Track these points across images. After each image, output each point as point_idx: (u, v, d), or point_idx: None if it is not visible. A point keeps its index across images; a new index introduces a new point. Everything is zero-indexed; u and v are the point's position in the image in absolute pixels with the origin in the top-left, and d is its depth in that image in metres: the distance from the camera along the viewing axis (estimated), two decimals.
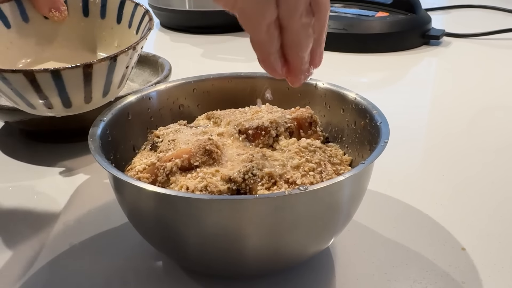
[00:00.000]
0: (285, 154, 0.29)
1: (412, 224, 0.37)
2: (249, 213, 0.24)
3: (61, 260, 0.34)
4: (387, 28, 0.78)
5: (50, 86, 0.31)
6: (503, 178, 0.43)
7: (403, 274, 0.32)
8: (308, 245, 0.28)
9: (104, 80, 0.32)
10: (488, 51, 0.80)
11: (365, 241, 0.35)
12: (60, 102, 0.32)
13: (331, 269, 0.32)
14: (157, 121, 0.38)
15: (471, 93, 0.64)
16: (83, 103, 0.33)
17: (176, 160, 0.28)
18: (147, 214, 0.27)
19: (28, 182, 0.44)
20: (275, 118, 0.32)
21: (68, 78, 0.31)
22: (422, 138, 0.52)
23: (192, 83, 0.39)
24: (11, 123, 0.50)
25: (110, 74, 0.32)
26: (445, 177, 0.43)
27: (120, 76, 0.33)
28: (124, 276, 0.32)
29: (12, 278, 0.32)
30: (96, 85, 0.32)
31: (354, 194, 0.28)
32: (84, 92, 0.32)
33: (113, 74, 0.32)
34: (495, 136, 0.51)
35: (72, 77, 0.31)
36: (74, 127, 0.49)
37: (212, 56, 0.80)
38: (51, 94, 0.31)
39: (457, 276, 0.32)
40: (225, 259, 0.27)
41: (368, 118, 0.33)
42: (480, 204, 0.39)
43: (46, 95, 0.31)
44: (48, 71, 0.30)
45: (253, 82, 0.40)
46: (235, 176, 0.27)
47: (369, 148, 0.32)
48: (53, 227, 0.37)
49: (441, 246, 0.34)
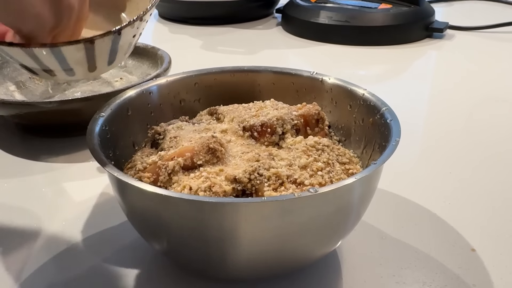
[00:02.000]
0: (292, 153, 0.28)
1: (420, 223, 0.36)
2: (256, 217, 0.23)
3: (60, 258, 0.33)
4: (390, 20, 0.77)
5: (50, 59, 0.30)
6: (508, 178, 0.42)
7: (411, 276, 0.31)
8: (316, 248, 0.27)
9: (108, 52, 0.31)
10: (492, 44, 0.79)
11: (372, 241, 0.34)
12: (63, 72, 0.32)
13: (338, 271, 0.31)
14: (157, 117, 0.36)
15: (475, 86, 0.63)
16: (87, 71, 0.32)
17: (178, 159, 0.27)
18: (148, 216, 0.25)
19: (24, 177, 0.43)
20: (281, 115, 0.31)
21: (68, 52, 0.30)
22: (426, 133, 0.51)
23: (194, 77, 0.38)
24: (7, 117, 0.49)
25: (115, 46, 0.31)
26: (452, 174, 0.42)
27: (127, 46, 0.33)
28: (124, 275, 0.31)
29: (9, 276, 0.31)
30: (100, 56, 0.31)
31: (364, 195, 0.27)
32: (87, 63, 0.31)
33: (118, 46, 0.31)
34: (500, 130, 0.50)
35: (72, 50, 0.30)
36: (71, 122, 0.48)
37: (212, 48, 0.78)
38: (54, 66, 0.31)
39: (468, 278, 0.31)
40: (229, 262, 0.26)
41: (377, 115, 0.32)
42: (489, 203, 0.38)
43: (47, 66, 0.31)
44: (46, 46, 0.29)
45: (256, 76, 0.39)
46: (240, 176, 0.26)
47: (378, 147, 0.31)
48: (52, 225, 0.36)
49: (450, 247, 0.33)
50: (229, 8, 0.90)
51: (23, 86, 0.56)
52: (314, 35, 0.80)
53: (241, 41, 0.81)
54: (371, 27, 0.77)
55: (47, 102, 0.44)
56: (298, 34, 0.83)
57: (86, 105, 0.45)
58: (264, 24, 0.91)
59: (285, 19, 0.87)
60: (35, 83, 0.57)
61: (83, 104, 0.45)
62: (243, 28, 0.88)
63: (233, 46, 0.79)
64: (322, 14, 0.80)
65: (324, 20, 0.79)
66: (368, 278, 0.31)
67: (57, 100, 0.45)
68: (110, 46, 0.31)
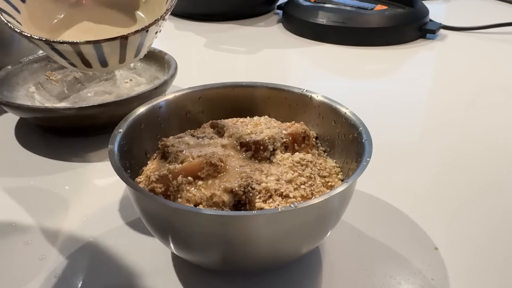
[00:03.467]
0: (280, 168, 0.34)
1: (393, 224, 0.41)
2: (248, 225, 0.29)
3: (81, 252, 0.38)
4: (384, 22, 0.81)
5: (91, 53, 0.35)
6: (479, 182, 0.47)
7: (381, 270, 0.36)
8: (299, 249, 0.32)
9: (136, 46, 0.36)
10: (484, 44, 0.83)
11: (350, 239, 0.39)
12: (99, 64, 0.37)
13: (319, 265, 0.37)
14: (166, 127, 0.41)
15: (462, 88, 0.67)
16: (117, 63, 0.37)
17: (185, 174, 0.32)
18: (161, 222, 0.31)
19: (47, 175, 0.48)
20: (272, 134, 0.36)
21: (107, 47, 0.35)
22: (408, 136, 0.56)
23: (198, 92, 0.43)
24: (29, 118, 0.54)
25: (142, 41, 0.36)
26: (426, 179, 0.47)
27: (150, 41, 0.38)
28: (138, 268, 0.37)
29: (36, 268, 0.37)
30: (130, 50, 0.36)
31: (339, 206, 0.32)
32: (119, 56, 0.36)
33: (145, 41, 0.37)
34: (483, 138, 0.54)
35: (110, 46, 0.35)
36: (88, 124, 0.53)
37: (215, 46, 0.83)
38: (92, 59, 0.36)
39: (428, 273, 0.36)
40: (227, 260, 0.31)
41: (356, 133, 0.37)
42: (455, 206, 0.43)
43: (87, 59, 0.36)
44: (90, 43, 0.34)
45: (254, 91, 0.44)
46: (236, 190, 0.31)
47: (355, 160, 0.36)
48: (74, 219, 0.42)
49: (417, 245, 0.39)
50: (232, 5, 0.94)
51: (41, 87, 0.61)
52: (312, 35, 0.85)
53: (243, 39, 0.86)
54: (367, 29, 0.81)
55: (67, 108, 0.50)
56: (298, 32, 0.87)
57: (101, 110, 0.50)
58: (265, 21, 0.95)
59: (285, 17, 0.91)
60: (52, 84, 0.62)
61: (99, 110, 0.50)
62: (245, 25, 0.92)
63: (235, 44, 0.83)
64: (320, 14, 0.84)
65: (322, 21, 0.83)
66: (344, 271, 0.36)
67: (75, 107, 0.50)
68: (139, 42, 0.36)
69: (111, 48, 0.35)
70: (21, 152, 0.52)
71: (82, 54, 0.35)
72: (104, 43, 0.34)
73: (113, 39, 0.35)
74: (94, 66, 0.37)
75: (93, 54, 0.35)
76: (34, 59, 0.62)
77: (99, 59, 0.36)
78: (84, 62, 0.36)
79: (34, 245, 0.39)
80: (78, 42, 0.34)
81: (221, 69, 0.75)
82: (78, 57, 0.36)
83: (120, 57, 0.37)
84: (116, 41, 0.35)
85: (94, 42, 0.34)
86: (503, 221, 0.41)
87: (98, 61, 0.36)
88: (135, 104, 0.52)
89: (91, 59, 0.36)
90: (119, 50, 0.36)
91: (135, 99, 0.51)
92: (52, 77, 0.62)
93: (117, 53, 0.36)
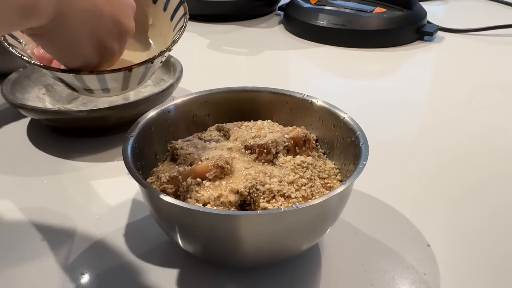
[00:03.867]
0: (283, 170, 0.36)
1: (389, 222, 0.44)
2: (253, 224, 0.31)
3: (95, 248, 0.41)
4: (383, 25, 0.83)
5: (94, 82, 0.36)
6: (470, 183, 0.49)
7: (376, 265, 0.39)
8: (300, 245, 0.35)
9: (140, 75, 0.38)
10: (480, 46, 0.85)
11: (347, 236, 0.42)
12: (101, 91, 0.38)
13: (318, 261, 0.39)
14: (174, 130, 0.44)
15: (459, 90, 0.69)
16: (120, 90, 0.39)
17: (194, 176, 0.35)
18: (173, 221, 0.34)
19: (59, 175, 0.50)
20: (275, 138, 0.38)
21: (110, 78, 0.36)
22: (403, 137, 0.58)
23: (205, 96, 0.45)
24: (41, 119, 0.56)
25: (146, 71, 0.38)
26: (421, 179, 0.50)
27: (154, 69, 0.39)
28: (147, 262, 0.39)
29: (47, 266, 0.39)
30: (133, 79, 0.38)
31: (337, 206, 0.34)
32: (122, 85, 0.38)
33: (149, 71, 0.38)
34: (477, 140, 0.56)
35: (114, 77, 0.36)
36: (97, 125, 0.55)
37: (217, 47, 0.85)
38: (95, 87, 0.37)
39: (421, 268, 0.39)
40: (233, 256, 0.34)
41: (353, 137, 0.39)
42: (448, 206, 0.46)
43: (90, 87, 0.37)
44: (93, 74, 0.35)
45: (257, 95, 0.46)
46: (242, 190, 0.34)
47: (353, 163, 0.39)
48: (86, 218, 0.44)
49: (410, 242, 0.41)
50: (234, 7, 0.96)
51: (51, 89, 0.63)
52: (313, 37, 0.87)
53: (244, 41, 0.88)
54: (366, 31, 0.83)
55: (78, 111, 0.52)
56: (298, 34, 0.89)
57: (111, 112, 0.53)
58: (267, 22, 0.97)
59: (286, 18, 0.93)
60: (62, 86, 0.64)
61: (108, 112, 0.52)
62: (247, 26, 0.94)
63: (237, 46, 0.85)
64: (320, 16, 0.86)
65: (323, 23, 0.85)
66: (342, 267, 0.39)
67: (87, 109, 0.52)
68: (143, 72, 0.38)
69: (114, 79, 0.36)
70: (33, 152, 0.54)
71: (84, 83, 0.36)
72: (107, 75, 0.35)
73: (117, 71, 0.35)
74: (96, 93, 0.39)
75: (95, 83, 0.36)
76: None
77: (101, 87, 0.37)
78: (87, 89, 0.38)
79: (49, 242, 0.41)
80: (81, 72, 0.35)
81: (224, 71, 0.77)
82: (80, 84, 0.37)
83: (122, 86, 0.38)
84: (120, 73, 0.36)
85: (97, 73, 0.35)
86: (494, 220, 0.44)
87: (100, 89, 0.38)
88: (143, 107, 0.55)
89: (93, 86, 0.37)
90: (122, 80, 0.37)
91: (143, 101, 0.54)
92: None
93: (120, 82, 0.37)
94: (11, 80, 0.58)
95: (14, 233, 0.42)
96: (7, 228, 0.43)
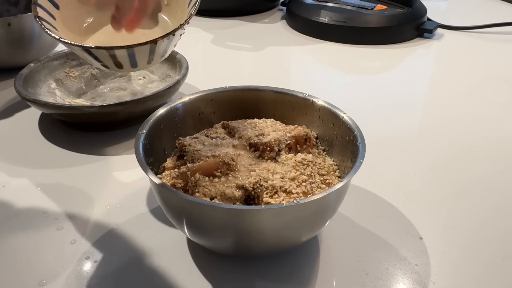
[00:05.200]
0: (285, 167, 0.38)
1: (384, 215, 0.46)
2: (257, 218, 0.34)
3: (107, 237, 0.43)
4: (384, 22, 0.85)
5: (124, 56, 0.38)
6: (462, 179, 0.52)
7: (371, 257, 0.42)
8: (300, 237, 0.37)
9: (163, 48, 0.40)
10: (480, 44, 0.87)
11: (345, 229, 0.44)
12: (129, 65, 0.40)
13: (317, 251, 0.42)
14: (181, 127, 0.46)
15: (457, 87, 0.71)
16: (146, 64, 0.41)
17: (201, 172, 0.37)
18: (182, 213, 0.36)
19: (71, 168, 0.53)
20: (278, 137, 0.41)
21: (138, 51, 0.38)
22: (398, 133, 0.60)
23: (211, 95, 0.48)
24: (53, 114, 0.59)
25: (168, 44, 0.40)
26: (416, 174, 0.52)
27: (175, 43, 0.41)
28: (157, 251, 0.42)
29: (64, 254, 0.42)
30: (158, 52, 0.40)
31: (335, 201, 0.37)
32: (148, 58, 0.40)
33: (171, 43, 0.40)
34: (475, 137, 0.58)
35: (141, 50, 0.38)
36: (107, 120, 0.58)
37: (221, 43, 0.87)
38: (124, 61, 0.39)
39: (413, 260, 0.41)
40: (237, 246, 0.36)
41: (352, 136, 0.41)
42: (440, 200, 0.48)
43: (120, 62, 0.39)
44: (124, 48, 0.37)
45: (261, 94, 0.48)
46: (246, 186, 0.36)
47: (351, 160, 0.41)
48: (99, 208, 0.47)
49: (404, 235, 0.44)
50: (238, 2, 0.98)
51: (61, 83, 0.65)
52: (314, 33, 0.89)
53: (248, 36, 0.90)
54: (367, 28, 0.85)
55: (89, 106, 0.54)
56: (300, 30, 0.91)
57: (120, 108, 0.55)
58: (269, 18, 0.99)
59: (289, 14, 0.95)
60: (71, 80, 0.67)
61: (118, 108, 0.55)
62: (251, 22, 0.96)
63: (240, 41, 0.87)
64: (322, 13, 0.88)
65: (324, 20, 0.87)
66: (339, 257, 0.41)
67: (97, 105, 0.54)
68: (166, 44, 0.40)
69: (141, 52, 0.38)
70: (46, 145, 0.57)
71: (115, 58, 0.38)
72: (136, 48, 0.38)
73: (145, 44, 0.38)
74: (125, 67, 0.40)
75: (125, 57, 0.39)
76: (53, 56, 0.66)
77: (130, 62, 0.39)
78: (117, 64, 0.40)
79: (65, 231, 0.44)
80: (113, 47, 0.37)
81: (227, 66, 0.79)
82: (111, 60, 0.39)
83: (148, 59, 0.40)
84: (146, 46, 0.38)
85: (127, 47, 0.37)
86: (485, 214, 0.46)
87: (129, 63, 0.40)
88: (150, 103, 0.57)
89: (123, 61, 0.39)
90: (149, 53, 0.39)
91: (151, 97, 0.56)
92: (70, 74, 0.67)
93: (146, 55, 0.39)
94: (23, 75, 0.61)
95: (28, 223, 0.45)
96: (22, 219, 0.45)
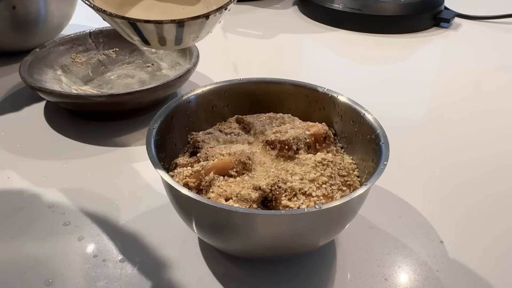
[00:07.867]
0: (304, 168, 0.36)
1: (403, 217, 0.44)
2: (276, 223, 0.32)
3: (115, 234, 0.42)
4: (400, 10, 0.82)
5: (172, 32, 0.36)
6: (486, 181, 0.49)
7: (389, 260, 0.40)
8: (318, 241, 0.36)
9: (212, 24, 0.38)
10: (497, 34, 0.84)
11: (363, 231, 0.43)
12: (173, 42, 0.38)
13: (333, 254, 0.40)
14: (194, 120, 0.44)
15: (473, 78, 0.68)
16: (191, 41, 0.39)
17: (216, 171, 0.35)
18: (196, 216, 0.34)
19: (78, 159, 0.51)
20: (296, 135, 0.38)
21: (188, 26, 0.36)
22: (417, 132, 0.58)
23: (225, 87, 0.45)
24: (60, 103, 0.56)
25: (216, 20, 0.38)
26: (435, 173, 0.50)
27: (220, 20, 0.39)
28: (168, 249, 0.40)
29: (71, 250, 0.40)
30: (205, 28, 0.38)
31: (357, 205, 0.35)
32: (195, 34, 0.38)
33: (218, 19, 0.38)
34: (493, 137, 0.56)
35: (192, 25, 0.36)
36: (115, 110, 0.56)
37: (231, 29, 0.84)
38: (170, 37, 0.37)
39: (434, 265, 0.40)
40: (253, 250, 0.35)
41: (373, 135, 0.39)
42: (461, 202, 0.46)
43: (165, 37, 0.37)
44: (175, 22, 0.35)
45: (276, 87, 0.46)
46: (264, 187, 0.34)
47: (371, 160, 0.39)
48: (108, 202, 0.45)
49: (424, 238, 0.42)
50: None
51: (67, 70, 0.63)
52: (328, 20, 0.86)
53: (259, 23, 0.87)
54: (382, 16, 0.82)
55: (97, 95, 0.52)
56: (313, 17, 0.88)
57: (129, 98, 0.53)
58: (281, 3, 0.96)
59: (301, 0, 0.92)
60: (77, 66, 0.64)
61: (126, 97, 0.53)
62: (261, 7, 0.93)
63: (251, 28, 0.84)
64: (336, 0, 0.84)
65: (338, 7, 0.84)
66: (356, 261, 0.40)
67: (105, 94, 0.52)
68: (215, 21, 0.37)
69: (191, 27, 0.35)
70: (52, 135, 0.55)
71: (162, 32, 0.35)
72: (186, 22, 0.34)
73: (197, 18, 0.35)
74: (168, 44, 0.37)
75: (173, 33, 0.36)
76: (59, 41, 0.64)
77: (177, 37, 0.36)
78: (160, 40, 0.37)
79: (72, 226, 0.42)
80: (163, 20, 0.34)
81: (237, 54, 0.77)
82: (157, 35, 0.36)
83: (195, 35, 0.37)
84: (198, 20, 0.35)
85: (178, 21, 0.34)
86: (509, 218, 0.44)
87: (175, 39, 0.37)
88: (160, 92, 0.55)
89: (169, 36, 0.36)
90: (198, 28, 0.36)
91: (160, 87, 0.54)
92: (77, 60, 0.65)
93: (195, 31, 0.36)
94: (28, 61, 0.58)
95: (34, 216, 0.43)
96: (28, 213, 0.44)
